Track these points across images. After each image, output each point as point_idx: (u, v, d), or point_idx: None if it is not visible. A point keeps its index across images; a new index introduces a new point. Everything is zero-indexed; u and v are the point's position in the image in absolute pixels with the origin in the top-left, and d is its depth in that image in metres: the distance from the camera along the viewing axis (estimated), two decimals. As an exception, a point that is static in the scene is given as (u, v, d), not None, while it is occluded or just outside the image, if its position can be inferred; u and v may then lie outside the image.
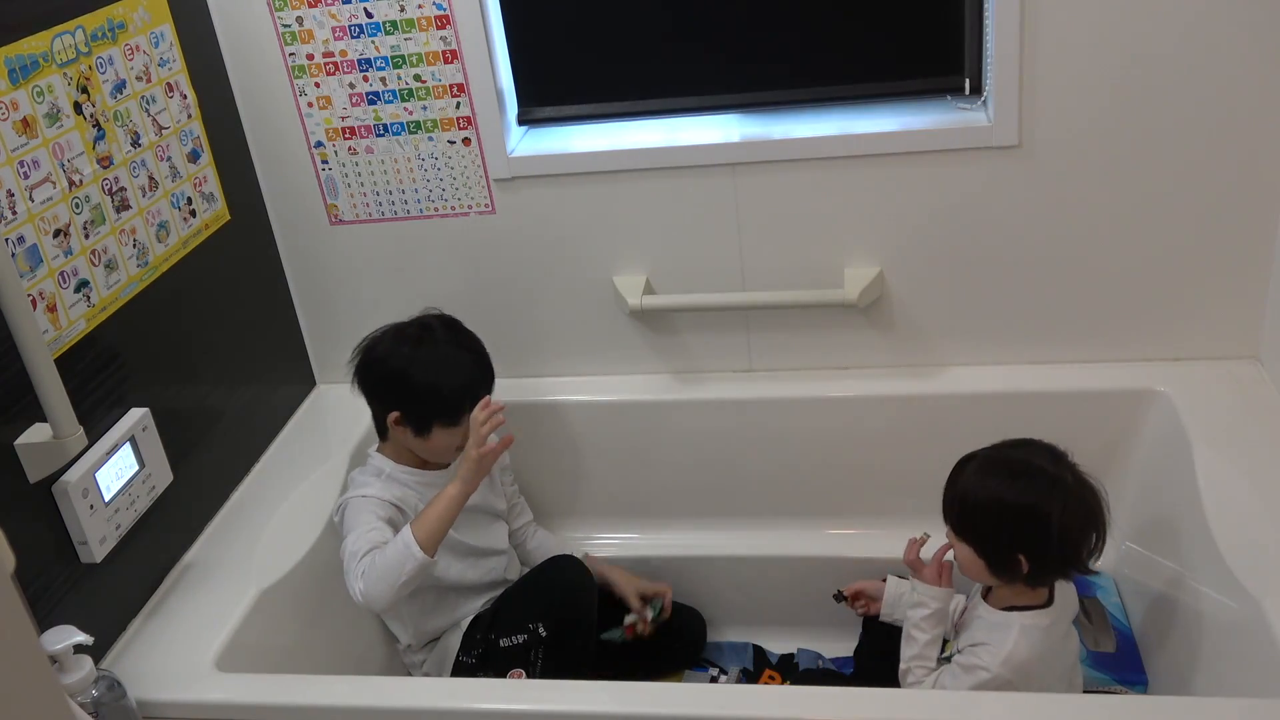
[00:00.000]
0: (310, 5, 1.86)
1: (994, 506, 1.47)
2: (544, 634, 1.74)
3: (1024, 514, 1.45)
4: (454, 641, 1.83)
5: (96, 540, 1.53)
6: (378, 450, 1.82)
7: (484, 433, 1.64)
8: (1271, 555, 1.48)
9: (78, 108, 1.56)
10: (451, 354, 1.75)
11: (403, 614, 1.82)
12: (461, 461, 1.66)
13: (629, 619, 1.90)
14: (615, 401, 2.07)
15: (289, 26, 1.89)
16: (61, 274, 1.52)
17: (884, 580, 1.75)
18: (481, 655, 1.79)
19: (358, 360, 1.79)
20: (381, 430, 1.80)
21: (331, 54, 1.90)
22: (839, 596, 1.79)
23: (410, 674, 1.89)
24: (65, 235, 1.52)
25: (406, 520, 1.69)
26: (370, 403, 1.80)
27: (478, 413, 1.66)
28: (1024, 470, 1.46)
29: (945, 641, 1.63)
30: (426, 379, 1.72)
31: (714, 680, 1.96)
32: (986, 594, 1.57)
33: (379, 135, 1.96)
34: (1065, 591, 1.56)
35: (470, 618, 1.84)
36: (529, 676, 1.74)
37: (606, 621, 1.87)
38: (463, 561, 1.83)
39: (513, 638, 1.76)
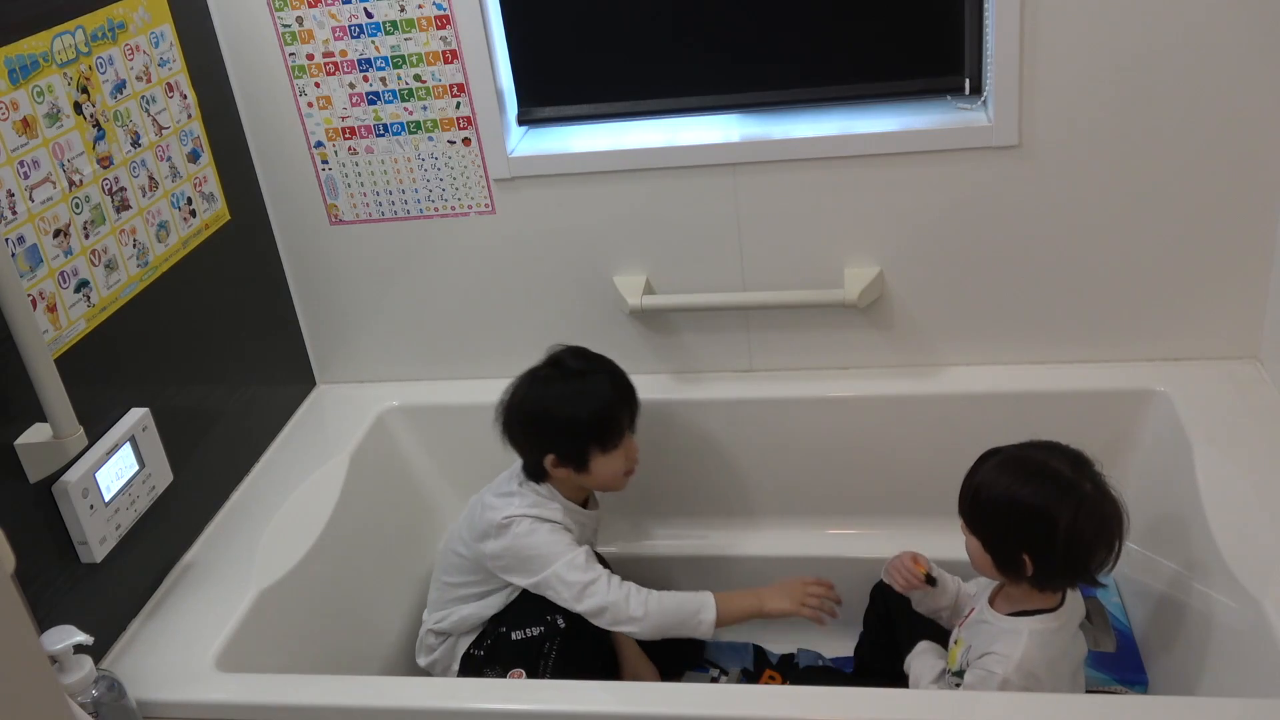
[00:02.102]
0: (310, 5, 1.86)
1: (1004, 504, 1.46)
2: (562, 625, 1.72)
3: (1032, 515, 1.44)
4: (467, 635, 1.83)
5: (96, 540, 1.53)
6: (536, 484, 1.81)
7: (812, 601, 1.71)
8: (1271, 555, 1.48)
9: (78, 108, 1.56)
10: (585, 382, 1.76)
11: (458, 607, 1.82)
12: (774, 595, 1.71)
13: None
14: (615, 401, 2.07)
15: (289, 27, 1.89)
16: (61, 274, 1.52)
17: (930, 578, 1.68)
18: (490, 648, 1.78)
19: (501, 415, 1.79)
20: (537, 475, 1.79)
21: (331, 54, 1.90)
22: (930, 579, 1.68)
23: (418, 655, 1.88)
24: (65, 235, 1.52)
25: None
26: (521, 452, 1.80)
27: (814, 588, 1.73)
28: (1039, 472, 1.46)
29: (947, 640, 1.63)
30: (567, 413, 1.74)
31: (714, 680, 1.96)
32: (994, 599, 1.56)
33: (379, 135, 1.96)
34: (1073, 594, 1.55)
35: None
36: (540, 671, 1.72)
37: None
38: None
39: (527, 630, 1.74)
